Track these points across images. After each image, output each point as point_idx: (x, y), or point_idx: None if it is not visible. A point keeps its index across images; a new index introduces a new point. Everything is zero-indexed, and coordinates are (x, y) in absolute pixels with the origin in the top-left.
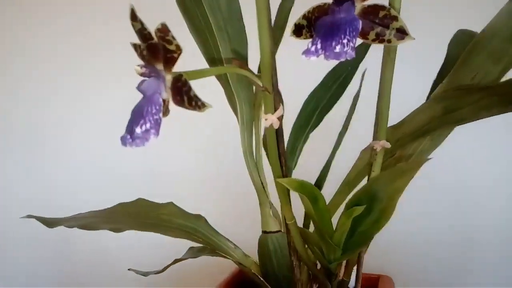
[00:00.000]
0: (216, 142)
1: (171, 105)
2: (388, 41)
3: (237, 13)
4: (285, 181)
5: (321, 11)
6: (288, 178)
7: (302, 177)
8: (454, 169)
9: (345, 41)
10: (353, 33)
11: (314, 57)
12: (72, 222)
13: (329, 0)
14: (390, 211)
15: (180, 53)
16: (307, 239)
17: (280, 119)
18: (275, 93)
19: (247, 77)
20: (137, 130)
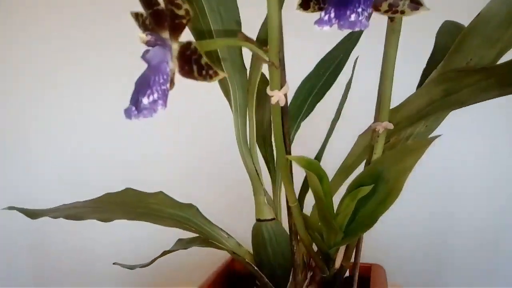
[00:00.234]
0: (206, 129)
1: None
2: (402, 12)
3: None
4: (295, 158)
5: None
6: (297, 155)
7: (294, 166)
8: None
9: (359, 10)
10: (368, 2)
11: (327, 26)
12: (57, 213)
13: None
14: (397, 191)
15: (190, 19)
16: (306, 223)
17: (286, 96)
18: (281, 69)
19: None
20: (144, 101)
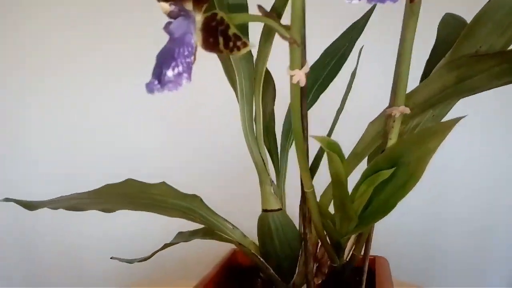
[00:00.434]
0: (210, 120)
1: None
2: None
3: None
4: (318, 138)
5: None
6: (319, 135)
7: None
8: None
9: None
10: None
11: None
12: (56, 204)
13: None
14: (419, 173)
15: None
16: (319, 211)
17: (307, 75)
18: (302, 47)
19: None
20: (169, 73)
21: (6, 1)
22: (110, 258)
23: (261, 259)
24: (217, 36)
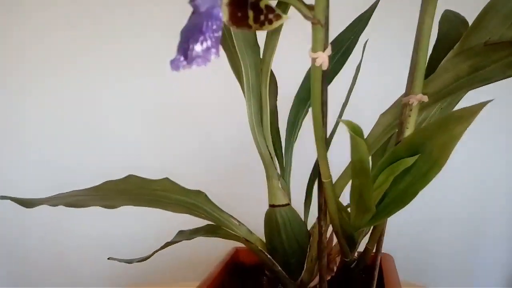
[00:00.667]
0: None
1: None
2: None
3: None
4: (345, 121)
5: None
6: (346, 119)
7: (303, 149)
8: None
9: None
10: None
11: None
12: (55, 201)
13: None
14: (443, 161)
15: None
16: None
17: (329, 58)
18: (326, 29)
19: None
20: (197, 48)
21: (6, 1)
22: (108, 258)
23: (268, 256)
24: (247, 10)
